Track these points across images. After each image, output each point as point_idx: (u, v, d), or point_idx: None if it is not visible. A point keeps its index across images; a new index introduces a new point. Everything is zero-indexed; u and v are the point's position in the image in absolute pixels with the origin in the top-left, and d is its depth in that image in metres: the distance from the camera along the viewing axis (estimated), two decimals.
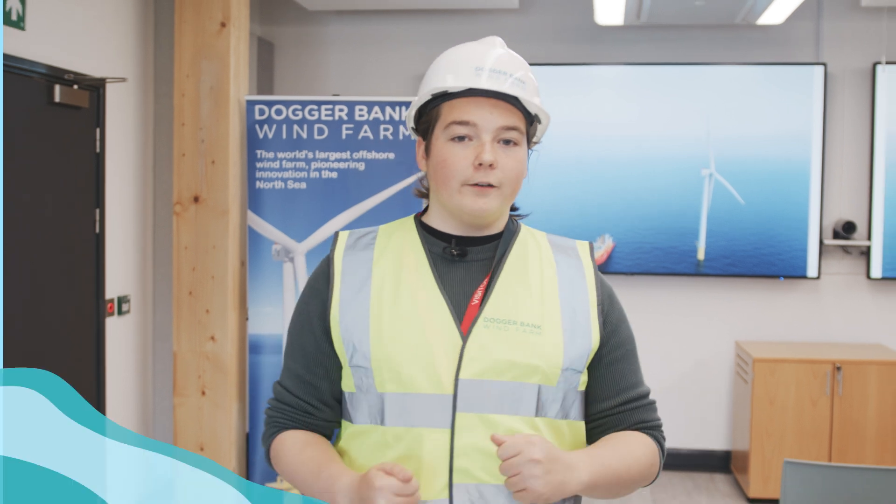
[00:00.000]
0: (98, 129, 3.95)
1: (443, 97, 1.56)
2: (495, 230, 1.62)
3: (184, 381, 4.16)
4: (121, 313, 4.20)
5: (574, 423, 1.58)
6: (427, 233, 1.62)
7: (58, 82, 3.64)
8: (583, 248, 1.67)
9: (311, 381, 1.60)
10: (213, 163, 4.13)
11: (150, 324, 4.54)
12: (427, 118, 1.59)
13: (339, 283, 1.58)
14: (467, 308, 1.54)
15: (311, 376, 1.60)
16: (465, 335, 1.51)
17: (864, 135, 5.29)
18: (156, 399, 4.61)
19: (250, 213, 4.23)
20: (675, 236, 5.33)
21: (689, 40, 5.38)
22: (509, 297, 1.55)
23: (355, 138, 4.20)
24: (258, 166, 4.22)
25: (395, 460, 1.50)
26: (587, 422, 1.62)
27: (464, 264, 1.59)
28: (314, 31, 5.54)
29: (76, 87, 3.76)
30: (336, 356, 1.58)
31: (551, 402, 1.53)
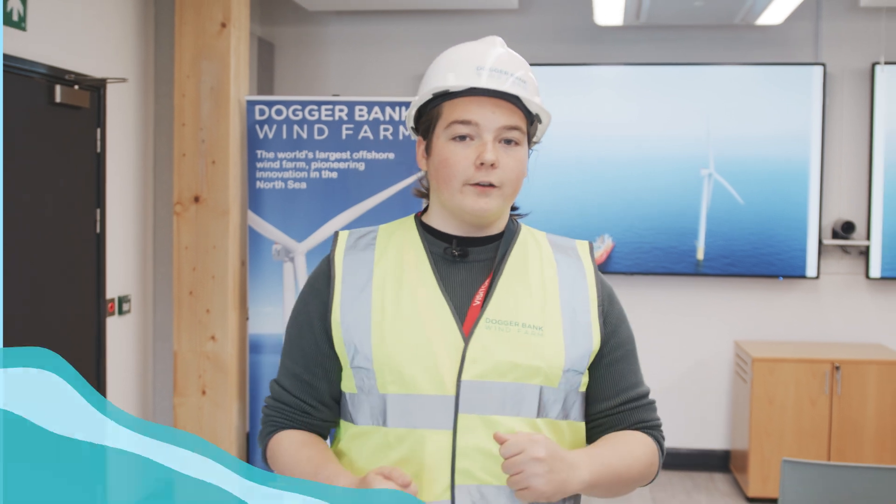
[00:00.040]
0: (99, 130, 3.95)
1: (443, 96, 1.56)
2: (496, 230, 1.61)
3: (184, 381, 4.16)
4: (121, 313, 4.21)
5: (574, 423, 1.58)
6: (427, 233, 1.62)
7: (58, 82, 3.65)
8: (582, 247, 1.66)
9: (310, 380, 1.59)
10: (214, 163, 4.13)
11: (151, 323, 4.54)
12: (427, 117, 1.59)
13: (339, 284, 1.57)
14: (469, 309, 1.54)
15: (309, 376, 1.59)
16: (468, 336, 1.51)
17: (863, 135, 5.29)
18: (156, 398, 4.61)
19: (250, 213, 4.23)
20: (674, 236, 5.33)
21: (689, 40, 5.38)
22: (511, 298, 1.54)
23: (355, 138, 4.21)
24: (258, 166, 4.23)
25: (396, 462, 1.49)
26: (587, 422, 1.62)
27: (465, 265, 1.59)
28: (314, 31, 5.55)
29: (77, 87, 3.76)
30: (336, 357, 1.57)
31: (553, 404, 1.53)
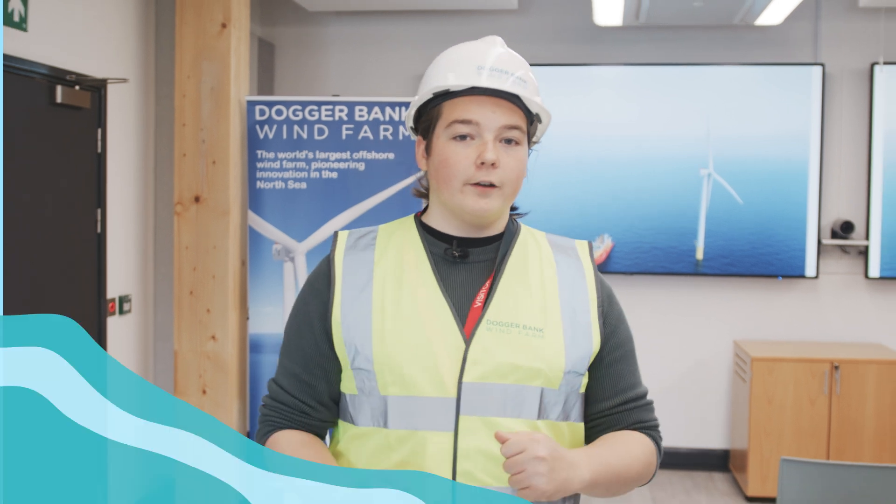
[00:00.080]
0: (99, 130, 3.96)
1: (444, 96, 1.56)
2: (496, 230, 1.61)
3: (185, 381, 4.17)
4: (122, 313, 4.22)
5: (574, 424, 1.58)
6: (427, 233, 1.61)
7: (59, 83, 3.66)
8: (582, 247, 1.66)
9: (309, 381, 1.58)
10: (214, 163, 4.14)
11: (151, 323, 4.55)
12: (427, 117, 1.58)
13: (340, 284, 1.56)
14: (470, 310, 1.53)
15: (308, 376, 1.58)
16: (468, 338, 1.50)
17: (862, 135, 5.30)
18: None
19: (251, 213, 4.24)
20: (673, 236, 5.34)
21: (688, 41, 5.39)
22: (511, 300, 1.54)
23: (355, 138, 4.22)
24: (259, 166, 4.23)
25: (397, 463, 1.49)
26: (585, 421, 1.62)
27: (465, 266, 1.58)
28: (314, 31, 5.55)
29: (78, 87, 3.77)
30: (335, 357, 1.57)
31: (553, 405, 1.53)
